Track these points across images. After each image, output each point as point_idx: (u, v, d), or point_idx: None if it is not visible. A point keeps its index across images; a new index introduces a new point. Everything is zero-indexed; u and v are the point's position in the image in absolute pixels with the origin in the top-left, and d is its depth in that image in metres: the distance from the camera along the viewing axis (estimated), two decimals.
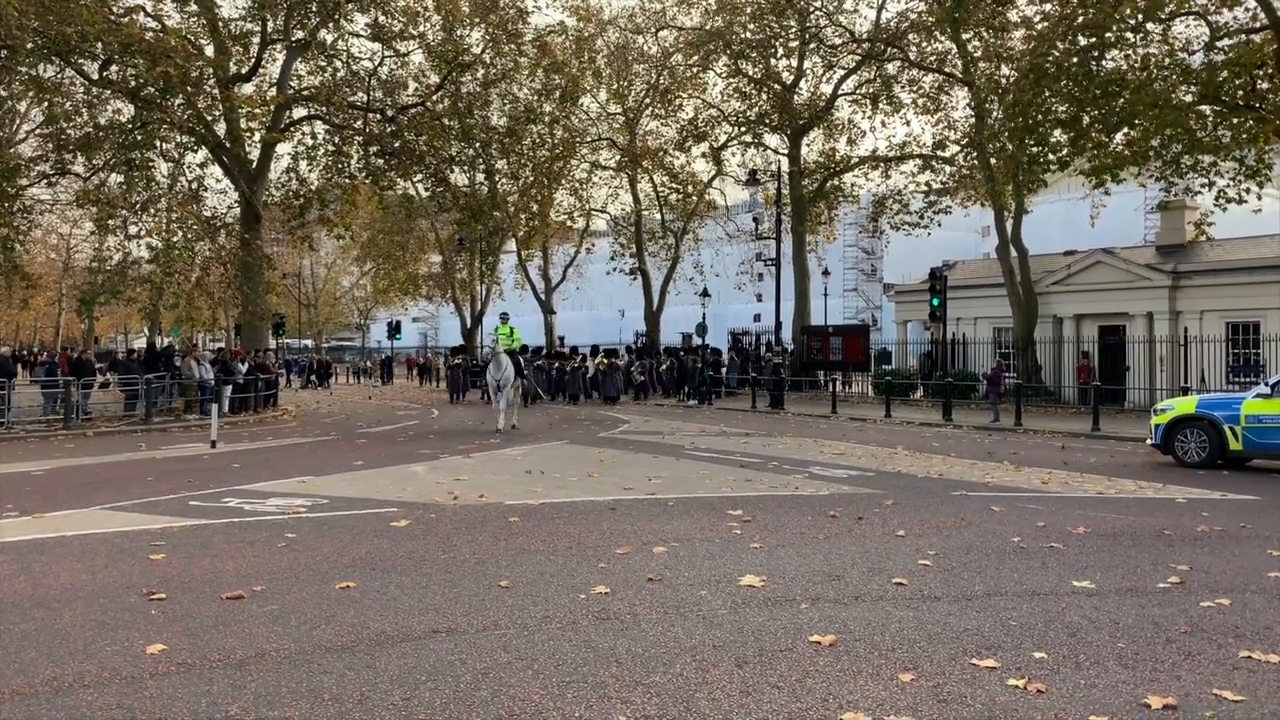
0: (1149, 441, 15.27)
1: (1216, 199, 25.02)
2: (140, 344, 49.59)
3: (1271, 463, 14.27)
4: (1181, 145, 23.67)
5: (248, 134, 28.55)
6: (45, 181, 30.76)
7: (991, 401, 24.25)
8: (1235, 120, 23.09)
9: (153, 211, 28.88)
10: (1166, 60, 23.61)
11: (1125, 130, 23.70)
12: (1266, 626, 5.56)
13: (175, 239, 27.34)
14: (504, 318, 21.60)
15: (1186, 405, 14.87)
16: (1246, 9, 23.10)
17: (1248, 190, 24.31)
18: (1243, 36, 22.51)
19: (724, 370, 36.77)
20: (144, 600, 6.04)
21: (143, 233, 28.78)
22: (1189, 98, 23.17)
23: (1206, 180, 24.93)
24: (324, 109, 29.46)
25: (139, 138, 26.78)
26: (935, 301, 29.34)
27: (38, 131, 32.06)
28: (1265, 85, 22.69)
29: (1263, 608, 5.99)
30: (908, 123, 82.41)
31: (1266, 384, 14.24)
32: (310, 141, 30.57)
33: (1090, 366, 28.81)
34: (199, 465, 14.20)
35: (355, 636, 5.26)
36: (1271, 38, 21.59)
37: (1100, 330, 30.31)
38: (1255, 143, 23.29)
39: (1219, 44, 22.72)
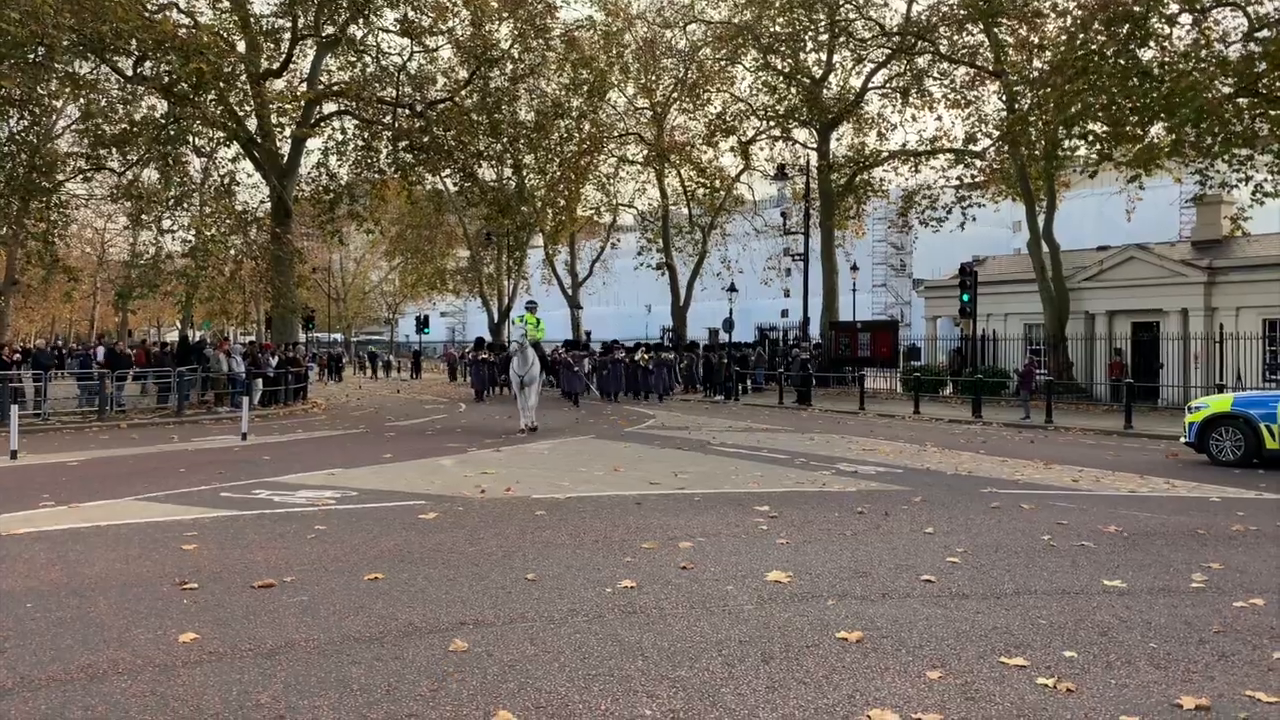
0: (1183, 439, 15.06)
1: (1253, 193, 24.60)
2: (173, 337, 50.22)
3: None
4: (1216, 137, 23.30)
5: (278, 129, 28.83)
6: (81, 177, 31.23)
7: (1022, 398, 24.03)
8: (1273, 113, 22.68)
9: (186, 206, 29.25)
10: (1204, 52, 23.22)
11: (1161, 122, 23.34)
12: None
13: (210, 232, 27.69)
14: (531, 306, 20.03)
15: (1222, 403, 14.66)
16: None
17: None
18: None
19: (751, 365, 36.61)
20: (176, 590, 6.12)
21: (177, 227, 29.18)
22: (1226, 89, 22.78)
23: (1243, 174, 24.51)
24: (354, 104, 29.69)
25: (172, 133, 27.12)
26: (965, 297, 29.04)
27: (74, 128, 32.54)
28: None
29: None
30: (938, 117, 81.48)
31: None
32: (340, 137, 30.82)
33: (1123, 363, 28.45)
34: (230, 457, 14.37)
35: (384, 627, 5.31)
36: None
37: (1133, 327, 29.91)
38: None
39: (1258, 35, 22.32)
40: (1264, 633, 5.35)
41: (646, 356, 31.82)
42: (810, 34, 36.96)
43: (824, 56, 37.71)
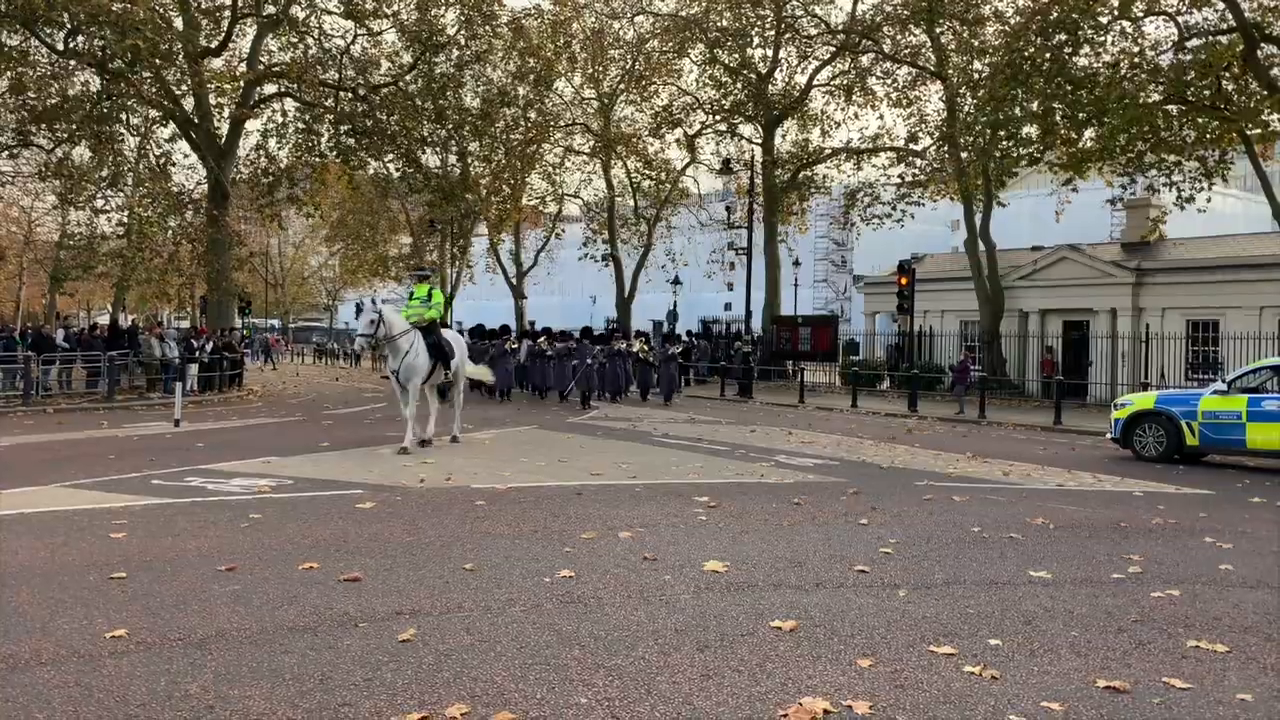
0: (1109, 435, 15.52)
1: (1177, 198, 25.39)
2: (104, 320, 48.80)
3: (1226, 458, 14.56)
4: (1147, 143, 24.01)
5: (217, 110, 28.16)
6: (7, 153, 30.16)
7: (957, 394, 24.52)
8: (1200, 120, 23.43)
9: (119, 186, 28.45)
10: (1136, 59, 23.89)
11: (1094, 127, 23.98)
12: (1215, 617, 5.69)
13: (145, 214, 26.98)
14: (422, 275, 15.82)
15: (1146, 401, 15.14)
16: (1215, 9, 23.42)
17: (1212, 186, 24.66)
18: (1210, 38, 22.82)
19: (694, 358, 36.75)
20: (104, 579, 5.98)
21: (110, 208, 28.38)
22: (1156, 96, 23.48)
23: (1168, 179, 25.28)
24: (295, 86, 29.10)
25: (105, 110, 26.33)
26: (904, 294, 29.53)
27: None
28: (1231, 86, 23.04)
29: (1212, 598, 6.13)
30: (880, 116, 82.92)
31: (1223, 381, 14.52)
32: (280, 119, 30.23)
33: (1054, 361, 29.18)
34: (162, 444, 14.05)
35: (318, 617, 5.25)
36: (1238, 39, 21.90)
37: (1065, 325, 30.69)
38: (1218, 143, 23.65)
39: (1188, 44, 23.02)
40: (1179, 622, 5.55)
41: (647, 349, 26.26)
42: (757, 29, 37.22)
43: (770, 52, 37.99)
